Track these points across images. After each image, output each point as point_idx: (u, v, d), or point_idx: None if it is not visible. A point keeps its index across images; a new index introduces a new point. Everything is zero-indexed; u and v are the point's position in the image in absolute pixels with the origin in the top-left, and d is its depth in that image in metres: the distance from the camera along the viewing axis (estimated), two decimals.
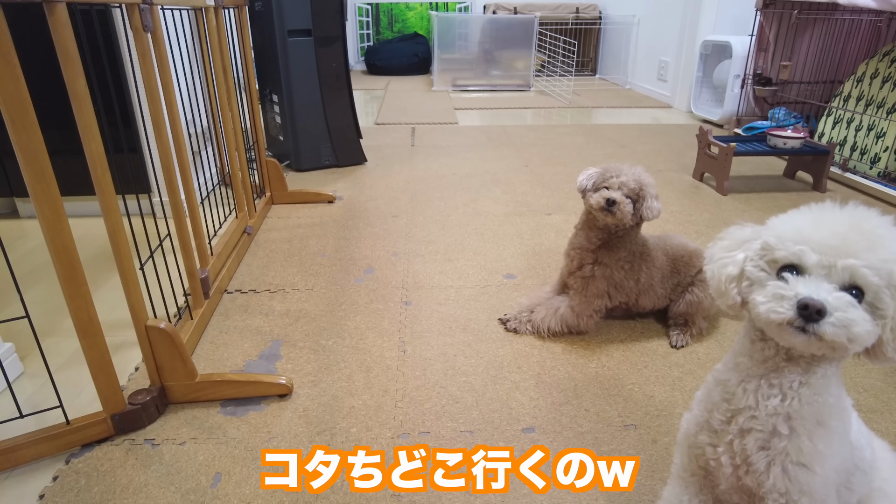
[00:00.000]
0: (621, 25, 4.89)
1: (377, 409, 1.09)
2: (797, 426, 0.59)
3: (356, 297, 1.48)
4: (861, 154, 2.40)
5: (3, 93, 0.75)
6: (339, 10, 2.37)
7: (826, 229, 0.55)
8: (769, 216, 0.61)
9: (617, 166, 1.22)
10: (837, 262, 0.53)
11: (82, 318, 0.91)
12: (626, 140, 3.07)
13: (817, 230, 0.55)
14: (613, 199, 1.16)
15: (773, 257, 0.58)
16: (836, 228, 0.55)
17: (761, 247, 0.60)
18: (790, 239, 0.56)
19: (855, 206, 0.57)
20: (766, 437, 0.60)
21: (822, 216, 0.57)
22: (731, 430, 0.63)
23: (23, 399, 1.11)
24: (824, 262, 0.54)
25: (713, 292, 0.65)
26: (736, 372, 0.63)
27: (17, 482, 0.93)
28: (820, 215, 0.57)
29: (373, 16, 5.88)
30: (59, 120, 1.27)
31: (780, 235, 0.57)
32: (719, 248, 0.65)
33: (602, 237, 1.25)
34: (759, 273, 0.59)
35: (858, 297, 0.53)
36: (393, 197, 2.20)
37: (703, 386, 0.70)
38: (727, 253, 0.64)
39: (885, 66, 2.43)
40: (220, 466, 0.95)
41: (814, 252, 0.54)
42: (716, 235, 0.66)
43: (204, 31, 1.54)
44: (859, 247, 0.53)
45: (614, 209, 1.17)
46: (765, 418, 0.60)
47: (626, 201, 1.17)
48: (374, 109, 3.89)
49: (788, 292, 0.54)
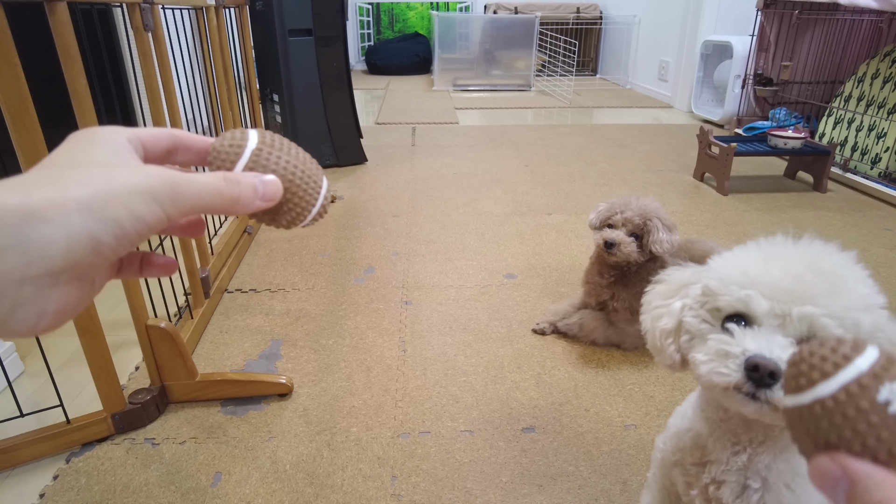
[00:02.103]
0: (622, 25, 4.89)
1: (377, 408, 1.09)
2: (771, 479, 0.53)
3: (356, 297, 1.48)
4: (862, 154, 2.40)
5: (4, 92, 0.75)
6: (340, 9, 2.37)
7: (778, 269, 0.46)
8: (770, 216, 0.59)
9: (624, 200, 1.19)
10: (793, 309, 0.44)
11: (83, 317, 0.91)
12: (626, 140, 3.07)
13: (767, 271, 0.46)
14: (612, 242, 1.15)
15: (716, 305, 0.49)
16: (790, 268, 0.45)
17: (702, 292, 0.51)
18: (735, 282, 0.47)
19: (811, 241, 0.48)
20: (739, 489, 0.54)
21: (772, 253, 0.48)
22: (705, 478, 0.56)
23: (23, 398, 1.11)
24: (777, 309, 0.45)
25: (649, 348, 0.56)
26: (706, 424, 0.57)
27: (17, 481, 0.93)
28: (770, 252, 0.48)
29: (373, 15, 5.88)
30: (59, 119, 1.27)
31: (724, 278, 0.48)
32: (655, 295, 0.56)
33: (614, 273, 1.23)
34: (701, 325, 0.50)
35: None
36: (393, 196, 2.20)
37: (674, 419, 0.64)
38: (663, 301, 0.55)
39: (886, 67, 2.43)
40: (221, 466, 0.95)
41: (764, 298, 0.45)
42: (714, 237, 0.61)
43: (205, 31, 1.54)
44: (818, 290, 0.44)
45: (614, 251, 1.15)
46: (736, 472, 0.54)
47: (627, 241, 1.15)
48: (374, 109, 3.89)
49: (734, 349, 0.45)
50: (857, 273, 0.46)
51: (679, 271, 0.57)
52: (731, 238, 1.81)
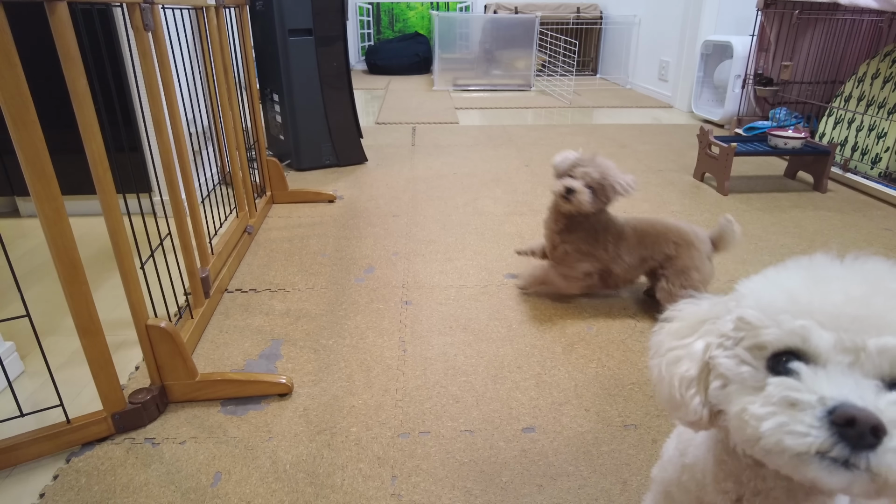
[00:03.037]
0: (622, 25, 4.89)
1: (377, 408, 1.09)
2: None
3: (356, 297, 1.48)
4: (862, 154, 2.40)
5: (4, 92, 0.75)
6: (340, 9, 2.37)
7: (836, 293, 0.36)
8: (770, 216, 0.55)
9: (589, 157, 1.29)
10: (868, 341, 0.34)
11: (83, 316, 0.91)
12: (626, 140, 3.07)
13: (823, 294, 0.36)
14: (572, 188, 1.25)
15: (758, 341, 0.38)
16: (850, 290, 0.36)
17: (735, 326, 0.40)
18: (783, 310, 0.37)
19: (864, 258, 0.40)
20: None
21: (823, 273, 0.39)
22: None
23: (23, 398, 1.11)
24: (846, 342, 0.34)
25: (662, 402, 0.44)
26: (713, 463, 0.47)
27: (17, 481, 0.93)
28: (820, 272, 0.39)
29: (374, 15, 5.88)
30: (59, 119, 1.27)
31: (767, 306, 0.38)
32: (667, 335, 0.45)
33: (564, 221, 1.36)
34: (741, 367, 0.38)
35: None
36: (393, 196, 2.20)
37: (667, 453, 0.55)
38: (679, 341, 0.44)
39: (886, 67, 2.43)
40: (221, 466, 0.95)
41: (825, 329, 0.35)
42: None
43: (205, 31, 1.54)
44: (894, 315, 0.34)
45: (571, 197, 1.25)
46: None
47: (585, 191, 1.25)
48: (374, 109, 3.89)
49: (806, 396, 0.34)
50: None
51: (694, 304, 0.46)
52: None
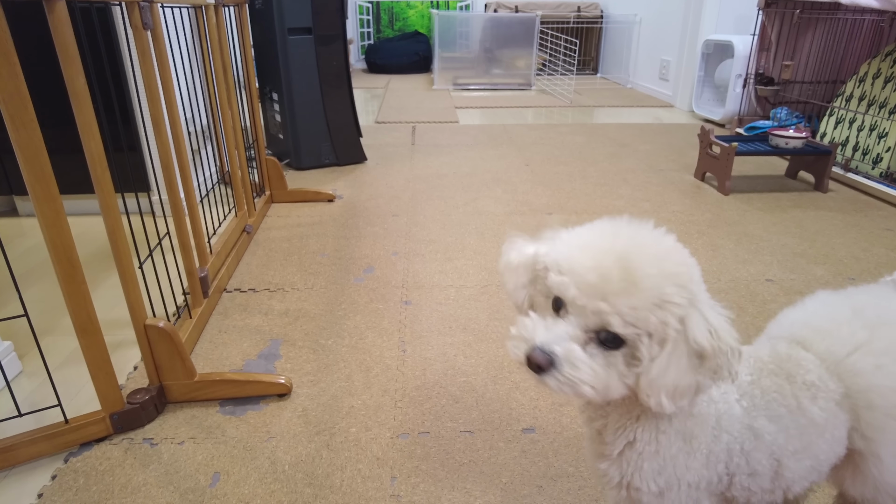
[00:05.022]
0: (623, 24, 4.88)
1: (377, 408, 1.09)
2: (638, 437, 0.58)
3: (356, 297, 1.48)
4: (863, 154, 2.40)
5: (3, 91, 0.75)
6: (340, 8, 2.36)
7: (590, 260, 0.49)
8: (771, 216, 0.59)
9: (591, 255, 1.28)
10: (588, 304, 0.48)
11: (81, 316, 0.91)
12: (627, 139, 3.07)
13: (582, 261, 0.49)
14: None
15: (547, 283, 0.53)
16: (602, 260, 0.48)
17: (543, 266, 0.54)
18: (558, 266, 0.51)
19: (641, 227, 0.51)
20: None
21: (595, 242, 0.51)
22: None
23: (21, 398, 1.11)
24: (579, 301, 0.48)
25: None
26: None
27: (15, 481, 0.93)
28: (595, 240, 0.51)
29: (373, 14, 5.87)
30: (58, 118, 1.27)
31: (554, 259, 0.52)
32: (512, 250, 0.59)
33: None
34: (538, 296, 0.55)
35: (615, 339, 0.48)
36: (393, 196, 2.20)
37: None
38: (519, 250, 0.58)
39: (888, 66, 2.42)
40: (219, 466, 0.95)
41: (574, 287, 0.48)
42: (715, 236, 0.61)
43: (204, 29, 1.54)
44: (615, 288, 0.47)
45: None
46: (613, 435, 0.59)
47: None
48: (374, 108, 3.89)
49: (527, 336, 0.50)
50: (665, 268, 0.48)
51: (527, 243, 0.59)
52: (731, 238, 1.80)
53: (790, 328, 0.70)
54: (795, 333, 0.68)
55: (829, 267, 1.64)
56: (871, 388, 0.60)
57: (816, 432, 0.60)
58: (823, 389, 0.61)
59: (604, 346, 0.49)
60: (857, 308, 0.65)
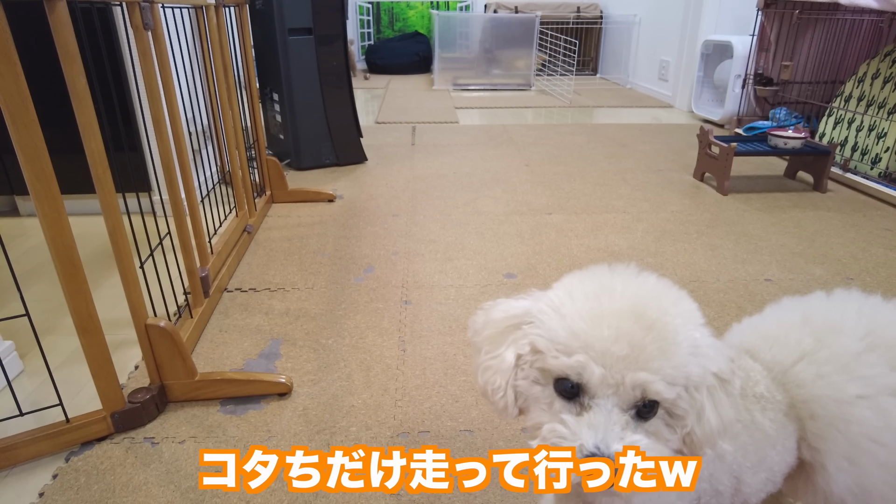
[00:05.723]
0: (622, 25, 4.89)
1: (377, 408, 1.09)
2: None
3: (356, 296, 1.48)
4: (862, 154, 2.40)
5: (4, 91, 0.75)
6: (340, 8, 2.37)
7: (608, 328, 0.43)
8: (770, 216, 0.59)
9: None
10: (626, 377, 0.42)
11: (82, 316, 0.91)
12: (626, 139, 3.07)
13: (598, 332, 0.43)
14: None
15: (546, 366, 0.46)
16: (620, 325, 0.43)
17: (530, 349, 0.48)
18: (565, 344, 0.44)
19: (635, 277, 0.47)
20: None
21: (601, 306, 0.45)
22: None
23: (23, 397, 1.11)
24: (610, 378, 0.42)
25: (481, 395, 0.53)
26: None
27: (16, 480, 0.93)
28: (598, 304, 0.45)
29: (373, 14, 5.87)
30: (59, 118, 1.27)
31: (553, 337, 0.45)
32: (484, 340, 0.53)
33: None
34: (532, 388, 0.48)
35: (651, 407, 0.44)
36: (393, 196, 2.20)
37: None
38: (493, 350, 0.52)
39: (887, 67, 2.43)
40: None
41: (596, 364, 0.43)
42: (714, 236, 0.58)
43: (204, 30, 1.54)
44: (650, 352, 0.42)
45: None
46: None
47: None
48: (374, 108, 3.89)
49: (569, 441, 0.43)
50: (681, 308, 0.45)
51: (507, 303, 0.52)
52: (730, 238, 1.81)
53: (741, 335, 0.68)
54: (745, 341, 0.66)
55: (828, 267, 1.65)
56: (812, 398, 0.59)
57: (769, 444, 0.59)
58: (771, 401, 0.59)
59: (641, 418, 0.45)
60: (807, 314, 0.63)
